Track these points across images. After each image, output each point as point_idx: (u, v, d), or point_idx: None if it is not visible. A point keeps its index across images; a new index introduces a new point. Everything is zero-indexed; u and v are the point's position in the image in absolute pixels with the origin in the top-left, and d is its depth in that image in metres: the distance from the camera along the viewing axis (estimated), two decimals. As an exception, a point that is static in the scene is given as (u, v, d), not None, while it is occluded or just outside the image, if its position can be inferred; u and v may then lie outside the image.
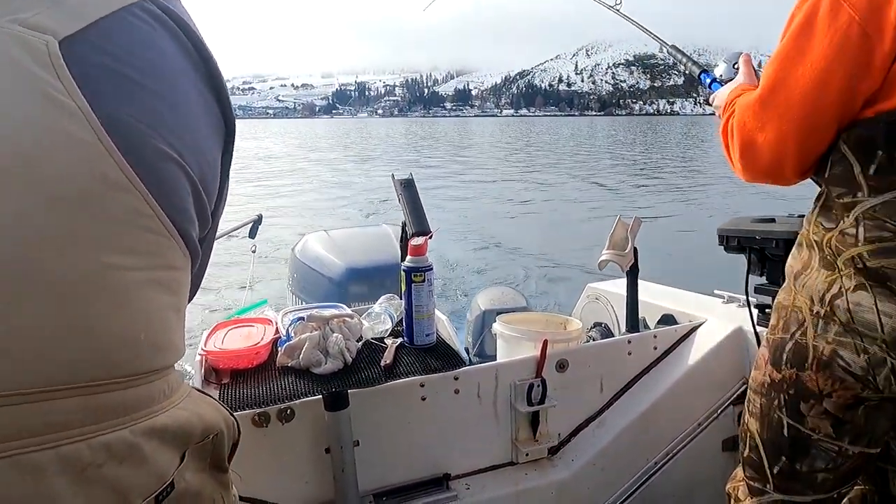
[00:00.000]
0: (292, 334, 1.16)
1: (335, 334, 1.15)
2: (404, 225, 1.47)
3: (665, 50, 1.51)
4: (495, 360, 1.55)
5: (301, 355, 1.11)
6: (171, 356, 0.57)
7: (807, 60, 0.86)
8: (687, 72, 1.36)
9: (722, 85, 1.18)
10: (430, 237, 1.41)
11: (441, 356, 1.22)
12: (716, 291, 1.87)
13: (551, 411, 1.52)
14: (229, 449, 0.65)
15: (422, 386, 1.39)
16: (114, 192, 0.49)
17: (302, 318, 1.18)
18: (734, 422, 1.62)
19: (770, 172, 0.95)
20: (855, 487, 1.12)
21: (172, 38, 0.59)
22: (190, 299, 0.66)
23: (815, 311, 0.95)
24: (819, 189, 0.97)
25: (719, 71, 1.22)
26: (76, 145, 0.47)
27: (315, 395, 1.12)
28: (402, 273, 1.23)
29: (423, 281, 1.22)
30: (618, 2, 1.58)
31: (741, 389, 1.61)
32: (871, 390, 0.90)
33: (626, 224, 1.62)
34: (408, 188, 1.47)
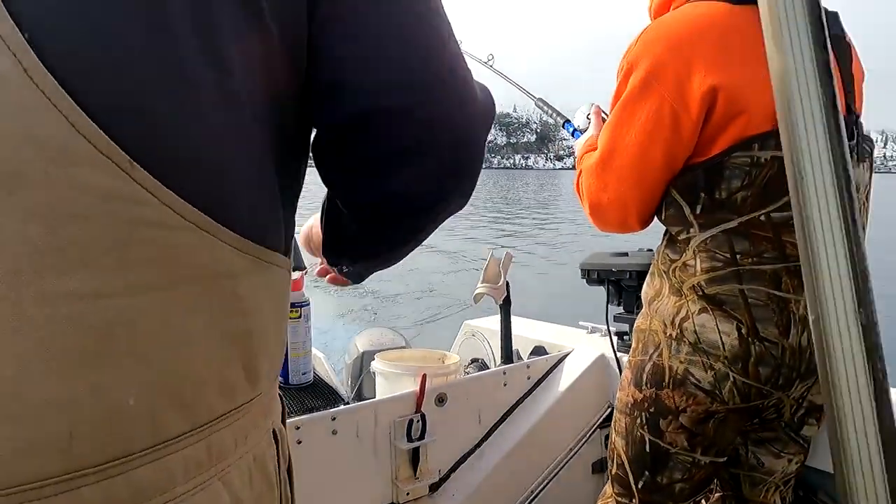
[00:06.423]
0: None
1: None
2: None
3: (534, 102, 1.63)
4: None
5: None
6: None
7: (632, 131, 1.00)
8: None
9: (581, 133, 1.32)
10: (305, 273, 1.38)
11: (319, 395, 1.18)
12: (580, 323, 2.01)
13: (431, 447, 1.51)
14: None
15: (297, 429, 1.33)
16: None
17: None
18: (601, 445, 1.72)
19: (618, 225, 1.09)
20: (715, 494, 1.24)
21: None
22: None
23: (668, 334, 1.05)
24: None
25: (577, 121, 1.35)
26: None
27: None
28: (277, 309, 1.19)
29: (300, 317, 1.19)
30: (490, 58, 1.70)
31: (606, 413, 1.72)
32: (718, 403, 1.01)
33: (498, 259, 1.70)
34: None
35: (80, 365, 0.36)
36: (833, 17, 1.04)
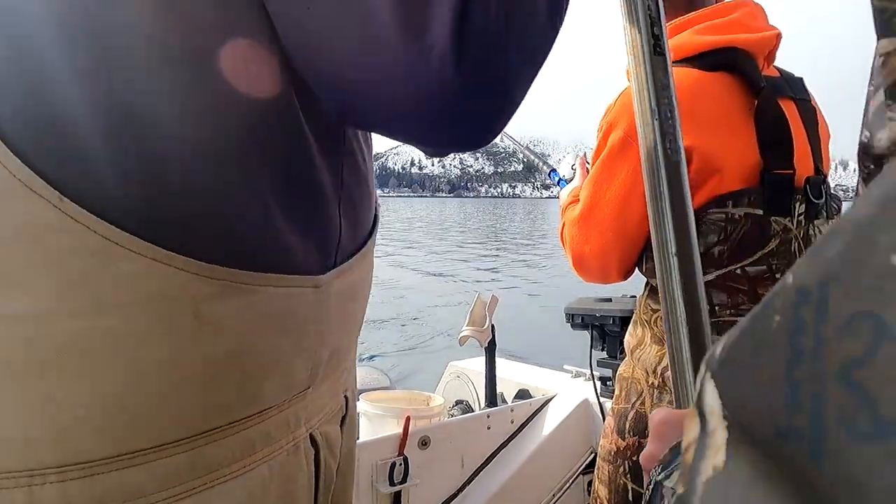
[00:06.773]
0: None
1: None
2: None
3: (520, 151, 1.68)
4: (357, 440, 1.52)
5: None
6: None
7: (612, 187, 1.04)
8: (537, 168, 1.54)
9: (567, 182, 1.36)
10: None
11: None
12: (565, 367, 2.02)
13: (413, 490, 1.50)
14: None
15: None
16: None
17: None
18: (584, 491, 1.71)
19: (600, 277, 1.13)
20: None
21: None
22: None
23: (650, 382, 1.07)
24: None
25: (562, 170, 1.40)
26: None
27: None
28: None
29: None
30: None
31: (589, 458, 1.72)
32: None
33: (485, 301, 1.73)
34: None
35: (29, 378, 0.39)
36: (798, 82, 1.10)
